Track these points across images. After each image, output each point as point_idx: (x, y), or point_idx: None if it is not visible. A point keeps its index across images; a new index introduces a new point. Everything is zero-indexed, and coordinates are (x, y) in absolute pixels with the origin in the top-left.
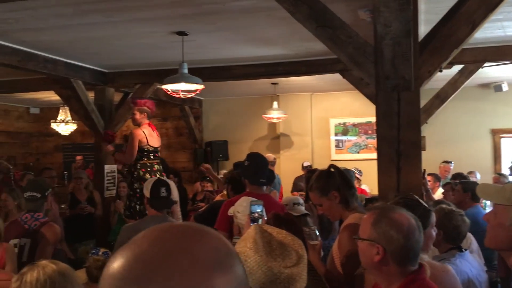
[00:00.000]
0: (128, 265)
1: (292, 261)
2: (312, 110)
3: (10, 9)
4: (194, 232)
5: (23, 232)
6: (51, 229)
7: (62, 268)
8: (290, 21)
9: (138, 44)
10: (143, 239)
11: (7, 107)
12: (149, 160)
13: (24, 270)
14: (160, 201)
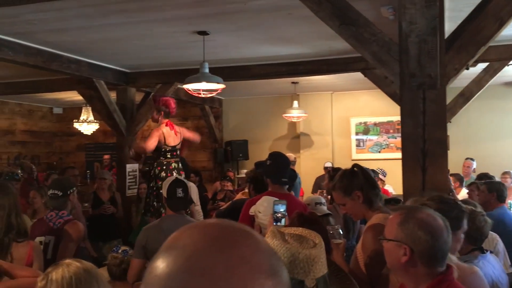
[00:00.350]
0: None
1: (309, 245)
2: (333, 109)
3: (35, 10)
4: (243, 233)
5: (48, 230)
6: (75, 226)
7: (87, 265)
8: (311, 20)
9: (160, 44)
10: (190, 240)
11: (31, 107)
12: (166, 159)
13: (49, 269)
14: (176, 202)
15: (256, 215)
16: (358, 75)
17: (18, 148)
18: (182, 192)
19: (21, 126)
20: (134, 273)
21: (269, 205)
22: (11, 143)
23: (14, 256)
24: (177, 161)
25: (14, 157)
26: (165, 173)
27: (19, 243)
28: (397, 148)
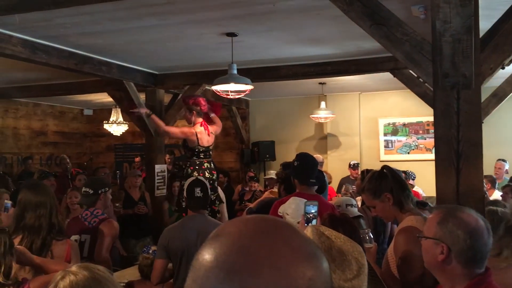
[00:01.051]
0: (233, 258)
1: (352, 272)
2: (361, 110)
3: (68, 14)
4: (283, 222)
5: (83, 229)
6: (110, 225)
7: (97, 273)
8: (340, 20)
9: (189, 45)
10: (235, 228)
11: (62, 109)
12: (199, 159)
13: (59, 277)
14: (194, 201)
15: (284, 216)
16: (387, 75)
17: (50, 148)
18: (201, 191)
19: (53, 127)
20: (157, 273)
21: (297, 207)
22: (44, 144)
23: (54, 254)
24: (210, 161)
25: (46, 157)
26: (197, 172)
27: (58, 241)
28: (427, 149)
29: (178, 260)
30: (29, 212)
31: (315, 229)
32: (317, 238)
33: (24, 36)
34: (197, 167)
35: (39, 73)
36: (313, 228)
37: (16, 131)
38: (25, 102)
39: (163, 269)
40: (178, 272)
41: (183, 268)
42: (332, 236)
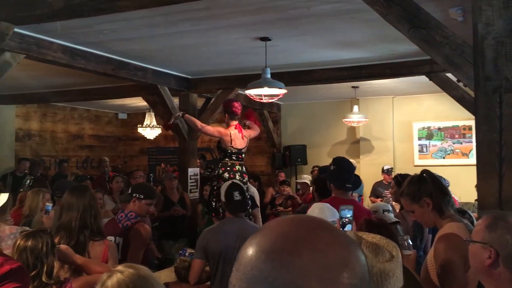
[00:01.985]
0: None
1: (385, 258)
2: (394, 114)
3: (107, 20)
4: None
5: (118, 231)
6: (142, 229)
7: (141, 271)
8: (375, 23)
9: (223, 50)
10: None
11: (98, 113)
12: (231, 160)
13: (105, 277)
14: (234, 205)
15: None
16: (421, 78)
17: (86, 152)
18: (239, 195)
19: (89, 131)
20: (194, 273)
21: (321, 211)
22: (80, 147)
23: (91, 254)
24: (242, 164)
25: (82, 160)
26: (228, 174)
27: (95, 241)
28: (463, 154)
29: (216, 262)
30: (64, 213)
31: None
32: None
33: (64, 42)
34: (228, 168)
35: (76, 78)
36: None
37: (54, 135)
38: (62, 106)
39: (201, 269)
40: (215, 274)
41: (220, 270)
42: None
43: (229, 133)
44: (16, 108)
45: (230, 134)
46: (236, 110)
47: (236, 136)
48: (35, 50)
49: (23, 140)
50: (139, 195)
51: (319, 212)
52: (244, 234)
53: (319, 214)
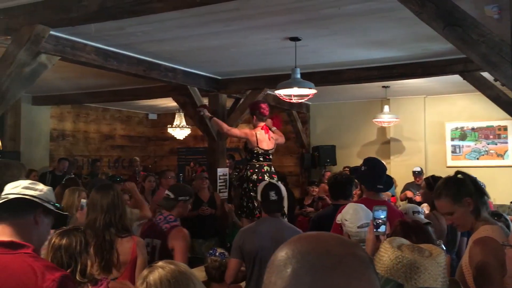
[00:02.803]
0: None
1: (420, 253)
2: (426, 114)
3: (139, 22)
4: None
5: (156, 233)
6: (180, 234)
7: (181, 267)
8: (407, 22)
9: (252, 51)
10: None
11: (129, 113)
12: (258, 162)
13: (145, 272)
14: (270, 205)
15: (343, 223)
16: (454, 78)
17: (117, 152)
18: (275, 195)
19: (120, 131)
20: (231, 273)
21: (355, 212)
22: (112, 147)
23: (119, 250)
24: (270, 165)
25: (114, 160)
26: (257, 175)
27: (123, 238)
28: (498, 155)
29: (252, 263)
30: (90, 212)
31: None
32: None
33: (97, 44)
34: (256, 169)
35: (108, 79)
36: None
37: (87, 135)
38: (95, 107)
39: (237, 269)
40: (251, 274)
41: (256, 271)
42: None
43: (255, 134)
44: (51, 109)
45: (256, 135)
46: (264, 112)
47: (262, 137)
48: (69, 52)
49: (57, 140)
50: (185, 197)
51: (353, 213)
52: (280, 235)
53: (354, 215)
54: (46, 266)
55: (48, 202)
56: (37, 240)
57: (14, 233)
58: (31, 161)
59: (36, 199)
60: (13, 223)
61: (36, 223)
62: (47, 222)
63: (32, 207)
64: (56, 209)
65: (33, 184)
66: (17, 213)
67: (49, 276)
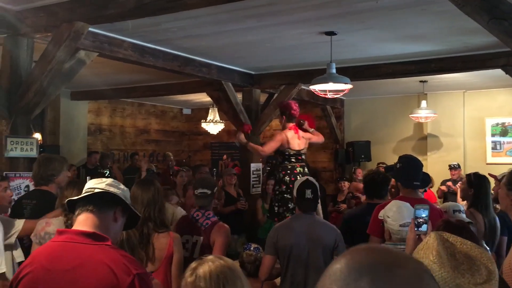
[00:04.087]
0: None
1: (482, 277)
2: (465, 109)
3: (174, 18)
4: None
5: (195, 229)
6: (223, 229)
7: (230, 263)
8: (446, 15)
9: (287, 46)
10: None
11: (164, 108)
12: (290, 163)
13: (194, 265)
14: (305, 203)
15: (385, 219)
16: (496, 72)
17: (152, 146)
18: (311, 193)
19: (155, 126)
20: (265, 269)
21: (399, 210)
22: (147, 141)
23: (156, 245)
24: (303, 166)
25: (149, 154)
26: (289, 177)
27: (160, 233)
28: None
29: (286, 259)
30: None
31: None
32: (441, 244)
33: (134, 40)
34: (288, 171)
35: (144, 75)
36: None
37: (123, 129)
38: (131, 102)
39: (271, 265)
40: (286, 271)
41: (290, 267)
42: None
43: (285, 136)
44: (88, 104)
45: (286, 136)
46: (295, 113)
47: (292, 137)
48: (107, 48)
49: (94, 134)
50: (216, 189)
51: (396, 211)
52: (313, 231)
53: (397, 213)
54: (128, 258)
55: (128, 201)
56: (113, 236)
57: (95, 225)
58: (70, 154)
59: (120, 195)
60: (96, 216)
61: (115, 219)
62: (122, 221)
63: (113, 204)
64: (133, 208)
65: (115, 183)
66: (100, 206)
67: (132, 270)
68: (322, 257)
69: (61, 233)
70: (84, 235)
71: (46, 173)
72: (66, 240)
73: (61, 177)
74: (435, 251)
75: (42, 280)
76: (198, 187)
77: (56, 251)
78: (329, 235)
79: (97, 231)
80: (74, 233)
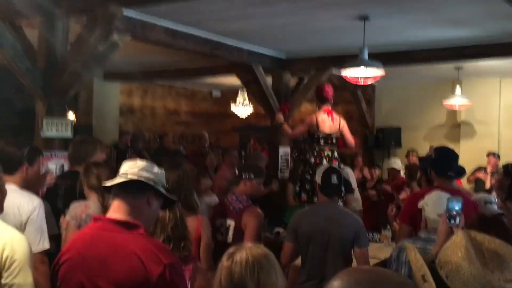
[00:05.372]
0: None
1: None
2: (501, 97)
3: (208, 1)
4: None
5: (228, 213)
6: (254, 213)
7: (266, 252)
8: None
9: (319, 29)
10: None
11: (194, 90)
12: (319, 145)
13: (232, 250)
14: (331, 188)
15: (424, 208)
16: None
17: (182, 127)
18: (337, 179)
19: (185, 108)
20: (285, 256)
21: (438, 200)
22: (177, 122)
23: None
24: (332, 150)
25: (178, 135)
26: (315, 159)
27: (189, 217)
28: None
29: (306, 245)
30: None
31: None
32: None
33: (166, 24)
34: (316, 153)
35: (174, 57)
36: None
37: (154, 111)
38: (161, 84)
39: (291, 252)
40: (305, 257)
41: (310, 253)
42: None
43: (315, 118)
44: (121, 85)
45: (316, 118)
46: (326, 94)
47: (323, 120)
48: (140, 32)
49: (126, 115)
50: (249, 175)
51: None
52: (335, 218)
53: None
54: (159, 246)
55: (161, 185)
56: (147, 220)
57: (128, 212)
58: (102, 134)
59: (151, 181)
60: (128, 202)
61: (148, 204)
62: (157, 204)
63: (145, 189)
64: (166, 193)
65: (149, 167)
66: (132, 193)
67: (162, 259)
68: (341, 247)
69: (96, 220)
70: (117, 223)
71: (79, 154)
72: (100, 227)
73: (93, 159)
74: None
75: (79, 267)
76: (246, 171)
77: (91, 239)
78: (349, 227)
79: (129, 218)
80: (107, 220)
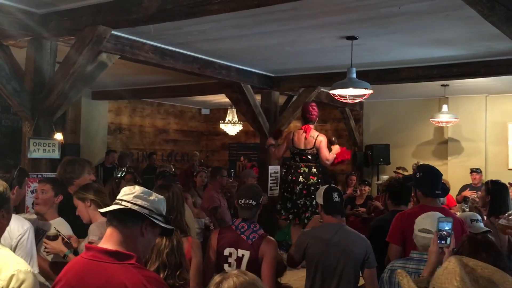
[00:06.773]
0: None
1: None
2: (487, 114)
3: (196, 22)
4: None
5: (241, 242)
6: (271, 243)
7: (254, 278)
8: (471, 21)
9: (307, 49)
10: None
11: (182, 108)
12: (295, 162)
13: (218, 279)
14: (334, 207)
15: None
16: None
17: (171, 145)
18: (338, 196)
19: (174, 126)
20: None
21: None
22: (165, 141)
23: None
24: (309, 166)
25: (167, 154)
26: (291, 176)
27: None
28: None
29: (314, 268)
30: None
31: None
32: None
33: (155, 43)
34: (292, 170)
35: (164, 76)
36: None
37: (142, 129)
38: (150, 102)
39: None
40: (314, 279)
41: (318, 277)
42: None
43: (291, 135)
44: (109, 103)
45: (292, 135)
46: (309, 116)
47: (299, 136)
48: (128, 51)
49: (114, 133)
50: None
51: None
52: (344, 243)
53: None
54: (150, 278)
55: (158, 214)
56: (142, 249)
57: (120, 242)
58: (90, 153)
59: (145, 210)
60: (121, 231)
61: (142, 234)
62: (154, 232)
63: (140, 219)
64: (163, 222)
65: (146, 194)
66: (125, 222)
67: None
68: (353, 270)
69: (88, 250)
70: (107, 253)
71: (66, 175)
72: (92, 258)
73: (80, 180)
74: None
75: None
76: (242, 197)
77: (82, 269)
78: (360, 247)
79: (121, 248)
80: (98, 251)
